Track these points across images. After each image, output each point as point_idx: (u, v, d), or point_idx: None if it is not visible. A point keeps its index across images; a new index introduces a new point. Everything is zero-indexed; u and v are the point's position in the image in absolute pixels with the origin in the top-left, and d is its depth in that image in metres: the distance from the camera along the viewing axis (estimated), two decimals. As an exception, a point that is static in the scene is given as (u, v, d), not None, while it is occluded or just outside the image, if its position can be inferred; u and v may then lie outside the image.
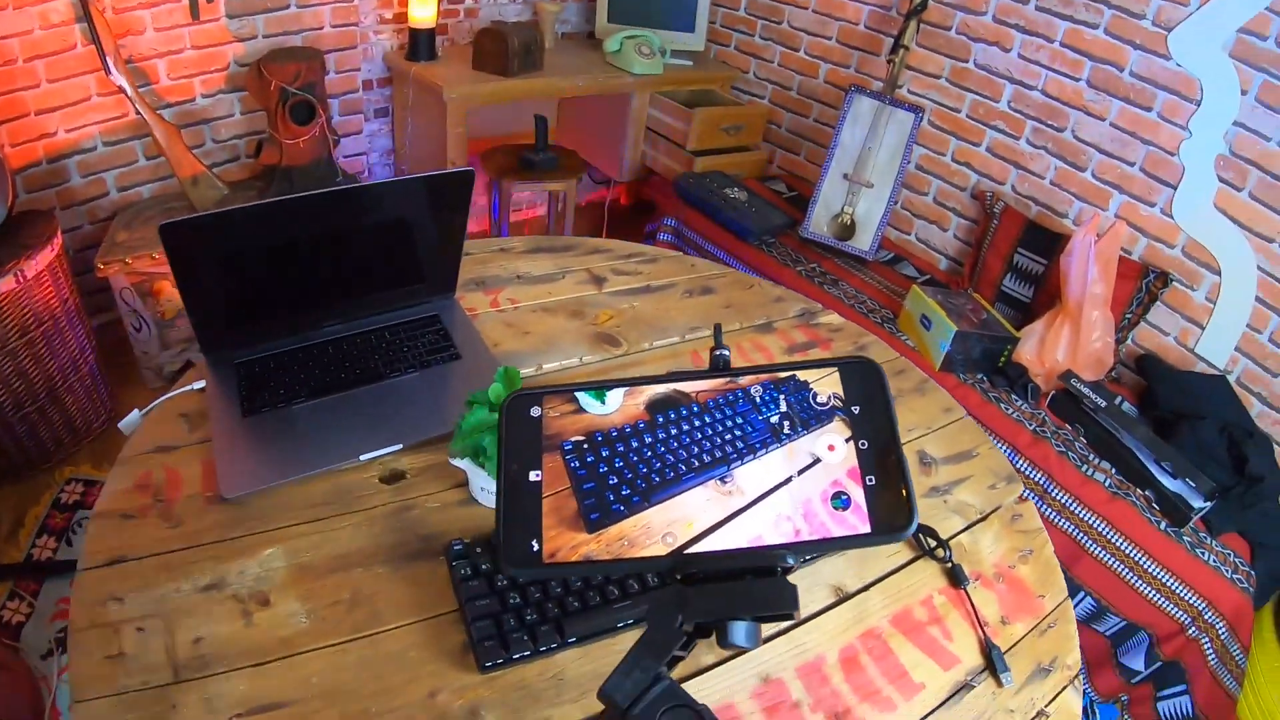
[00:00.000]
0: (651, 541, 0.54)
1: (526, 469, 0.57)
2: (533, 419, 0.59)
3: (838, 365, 0.59)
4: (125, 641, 0.89)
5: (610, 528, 0.55)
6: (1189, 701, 2.08)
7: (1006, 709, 1.05)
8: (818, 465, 0.56)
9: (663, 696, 0.52)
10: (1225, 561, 2.07)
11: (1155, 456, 2.19)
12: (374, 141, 3.46)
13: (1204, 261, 2.55)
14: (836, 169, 2.94)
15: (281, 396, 1.27)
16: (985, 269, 2.90)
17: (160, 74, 2.68)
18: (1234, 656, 2.03)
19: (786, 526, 0.54)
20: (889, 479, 0.54)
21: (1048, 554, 1.31)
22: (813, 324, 1.74)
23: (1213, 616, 2.01)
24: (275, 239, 1.26)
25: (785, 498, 0.55)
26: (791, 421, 0.57)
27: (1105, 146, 2.70)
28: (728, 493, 0.56)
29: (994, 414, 2.36)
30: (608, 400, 0.60)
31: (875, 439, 0.56)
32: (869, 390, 0.57)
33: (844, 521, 0.53)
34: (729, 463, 0.57)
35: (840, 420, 0.57)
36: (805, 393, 0.58)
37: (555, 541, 0.55)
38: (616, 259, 1.86)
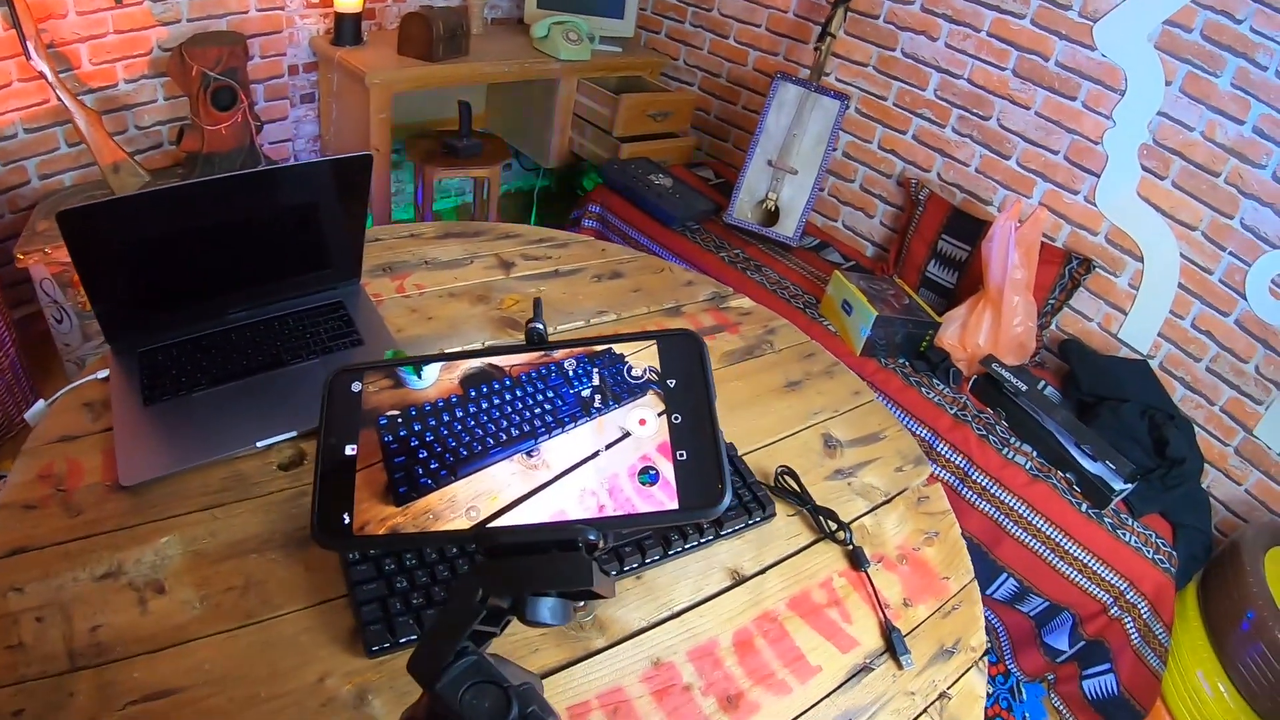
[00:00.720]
0: (456, 515, 0.52)
1: (343, 443, 0.56)
2: (353, 394, 0.58)
3: (656, 338, 0.57)
4: (24, 631, 0.88)
5: (417, 501, 0.53)
6: (1114, 679, 2.09)
7: (907, 691, 1.02)
8: (627, 440, 0.53)
9: (467, 672, 0.50)
10: (1147, 542, 2.08)
11: (1076, 439, 2.20)
12: (299, 128, 3.38)
13: (1127, 248, 2.58)
14: (761, 155, 2.91)
15: (182, 385, 1.24)
16: (910, 255, 2.90)
17: (82, 59, 2.60)
18: (1157, 635, 2.04)
19: (590, 501, 0.51)
20: (702, 454, 0.52)
21: (954, 536, 1.28)
22: (722, 308, 1.71)
23: (1135, 596, 2.02)
24: (176, 225, 1.23)
25: (591, 472, 0.53)
26: (603, 395, 0.55)
27: (1030, 135, 2.71)
28: (533, 467, 0.54)
29: (915, 398, 2.35)
30: (424, 375, 0.59)
31: (690, 413, 0.53)
32: (687, 363, 0.55)
33: (650, 497, 0.51)
34: (536, 437, 0.55)
35: (654, 394, 0.55)
36: (620, 366, 0.56)
37: (365, 514, 0.53)
38: (527, 244, 1.81)
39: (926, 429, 2.31)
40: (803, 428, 1.42)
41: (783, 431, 1.40)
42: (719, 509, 0.49)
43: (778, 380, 1.52)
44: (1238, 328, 2.41)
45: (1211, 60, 2.30)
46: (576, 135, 3.53)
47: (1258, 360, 2.39)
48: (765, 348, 1.61)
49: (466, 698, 0.48)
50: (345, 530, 0.52)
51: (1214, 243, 2.41)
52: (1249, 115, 2.27)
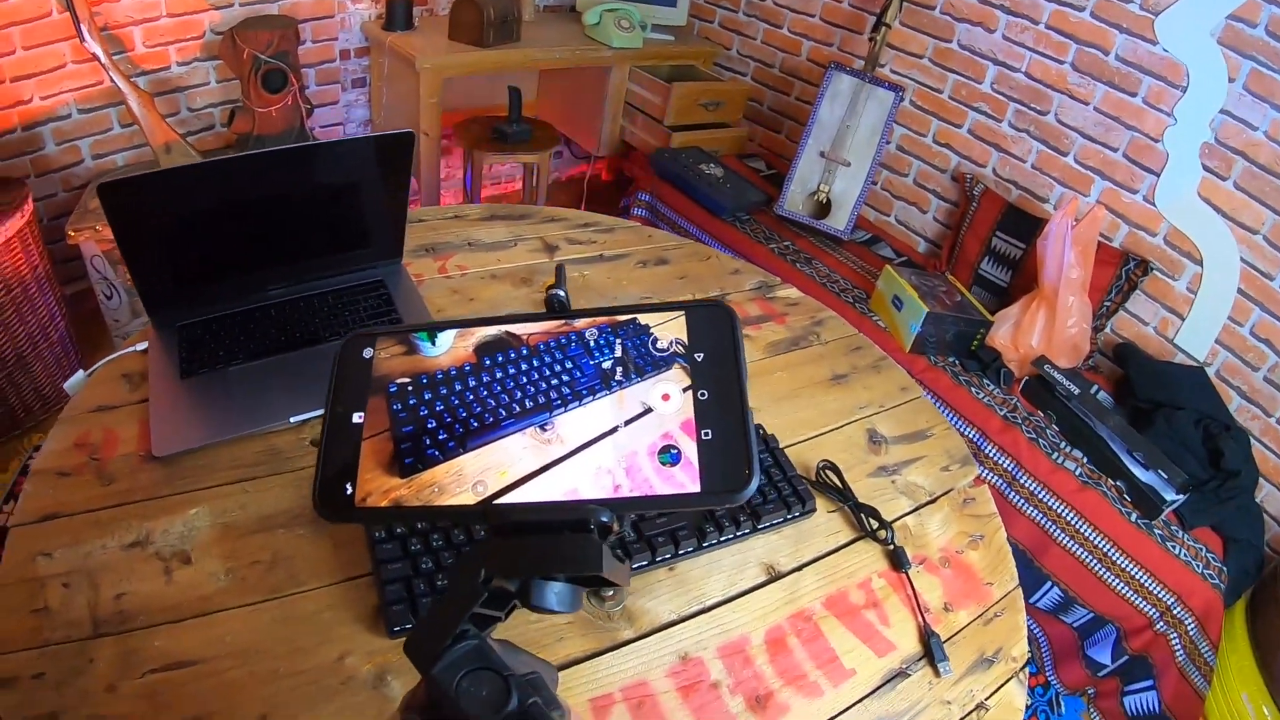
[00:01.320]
0: (462, 490, 0.49)
1: (351, 410, 0.53)
2: (364, 360, 0.55)
3: (684, 309, 0.53)
4: (50, 596, 0.89)
5: (423, 473, 0.50)
6: (1156, 697, 2.02)
7: (943, 700, 0.99)
8: (648, 415, 0.50)
9: (466, 657, 0.47)
10: (1197, 556, 2.01)
11: (1128, 446, 2.13)
12: (350, 112, 3.40)
13: (1186, 251, 2.49)
14: (813, 146, 2.87)
15: (220, 358, 1.24)
16: (963, 252, 2.84)
17: (135, 41, 2.64)
18: (1203, 654, 1.97)
19: (606, 480, 0.48)
20: (729, 435, 0.48)
21: (1000, 540, 1.24)
22: (769, 297, 1.67)
23: (1182, 612, 1.95)
24: (217, 200, 1.22)
25: (608, 449, 0.49)
26: (625, 367, 0.52)
27: (1088, 131, 2.63)
28: (546, 441, 0.50)
29: (964, 398, 2.29)
30: (439, 342, 0.56)
31: (717, 390, 0.50)
32: (717, 337, 0.51)
33: (670, 478, 0.47)
34: (551, 409, 0.51)
35: (680, 368, 0.51)
36: (645, 337, 0.53)
37: (368, 486, 0.50)
38: (573, 228, 1.79)
39: (975, 430, 2.25)
40: (847, 422, 1.38)
41: (826, 425, 1.36)
42: (744, 494, 0.46)
43: (823, 373, 1.48)
44: (1299, 338, 2.32)
45: (1277, 57, 2.21)
46: (627, 123, 3.51)
47: (1318, 373, 2.30)
48: (812, 339, 1.57)
49: (463, 684, 0.45)
50: (348, 502, 0.50)
51: (1276, 247, 2.31)
52: (1317, 115, 2.18)
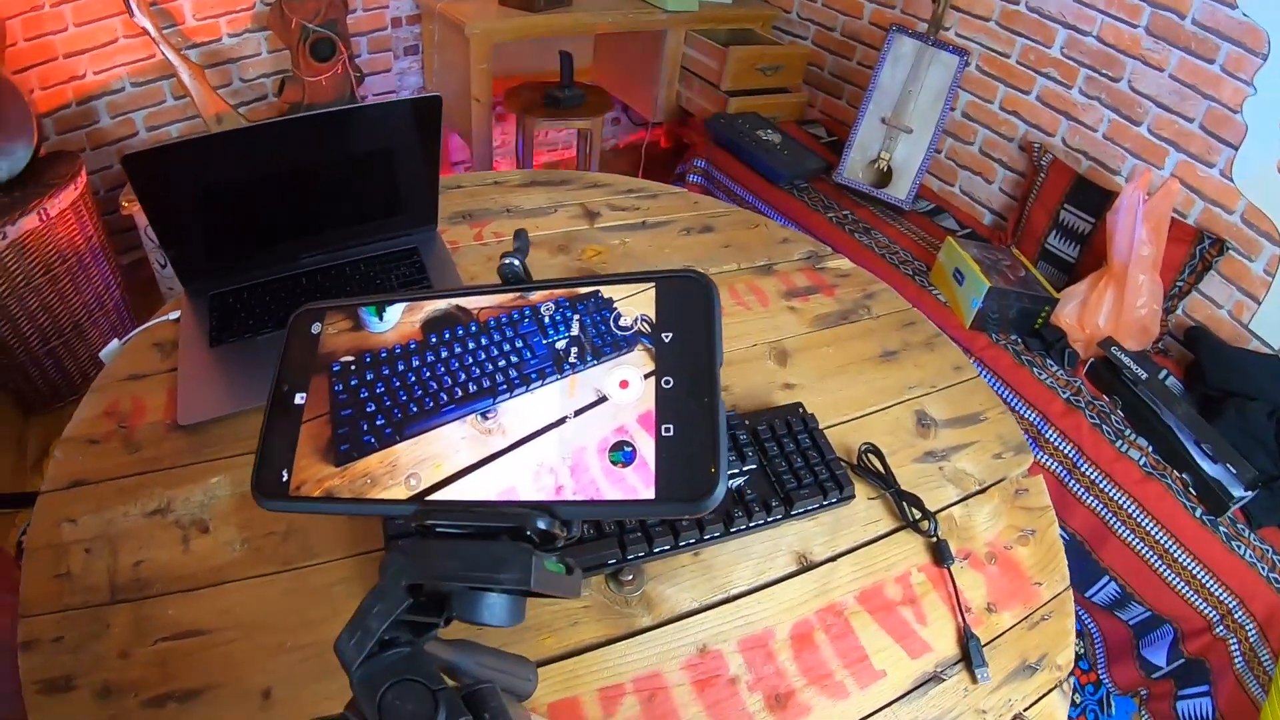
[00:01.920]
0: (395, 482, 0.45)
1: (294, 390, 0.49)
2: (312, 336, 0.51)
3: (655, 279, 0.46)
4: (73, 561, 0.90)
5: (357, 462, 0.46)
6: (1210, 704, 1.92)
7: (978, 709, 0.92)
8: (602, 405, 0.44)
9: (394, 667, 0.42)
10: (1263, 558, 1.89)
11: (1196, 437, 2.02)
12: (403, 80, 3.38)
13: (1264, 230, 2.34)
14: (874, 112, 2.76)
15: (249, 327, 1.24)
16: (1029, 225, 2.71)
17: (185, 14, 2.65)
18: (1262, 662, 1.86)
19: (547, 480, 0.42)
20: (694, 431, 0.41)
21: (1052, 536, 1.16)
22: (818, 268, 1.59)
23: (1243, 616, 1.84)
24: (247, 168, 1.21)
25: (553, 444, 0.43)
26: (581, 348, 0.46)
27: (1163, 100, 2.48)
28: (487, 431, 0.45)
29: (1025, 379, 2.20)
30: (386, 317, 0.51)
31: (685, 377, 0.43)
32: (690, 313, 0.44)
33: (621, 481, 0.41)
34: (495, 395, 0.46)
35: (643, 350, 0.44)
36: (607, 313, 0.46)
37: (304, 473, 0.47)
38: (615, 194, 1.73)
39: (1036, 413, 2.16)
40: (895, 402, 1.30)
41: (872, 405, 1.29)
42: (707, 504, 0.39)
43: (873, 349, 1.40)
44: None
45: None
46: (684, 89, 3.42)
47: (1401, 365, 2.16)
48: (862, 313, 1.49)
49: (389, 696, 0.41)
50: (283, 489, 0.47)
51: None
52: None
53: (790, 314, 1.45)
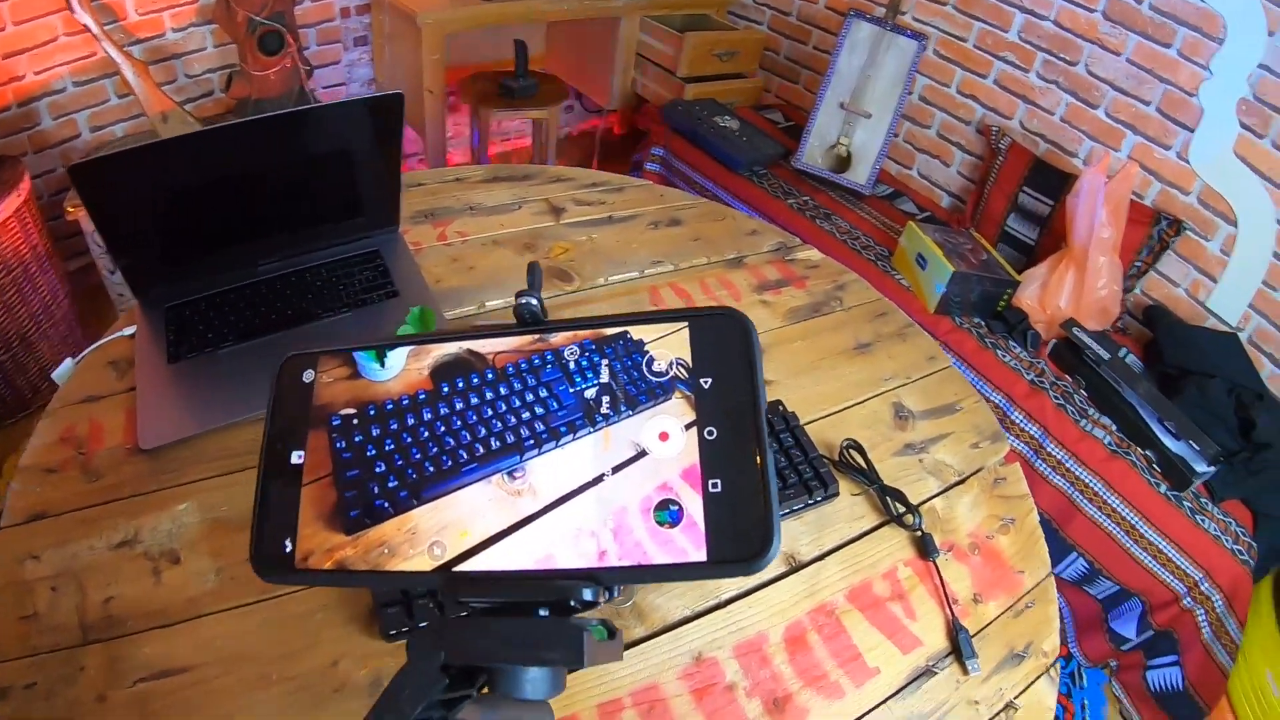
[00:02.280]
0: (416, 552, 0.41)
1: (290, 448, 0.45)
2: (304, 386, 0.47)
3: (688, 319, 0.43)
4: (39, 601, 0.86)
5: (370, 530, 0.42)
6: (1180, 674, 1.97)
7: (970, 700, 0.93)
8: (642, 460, 0.41)
9: None
10: (1226, 531, 1.94)
11: (1159, 415, 2.05)
12: (353, 71, 3.30)
13: (1220, 211, 2.38)
14: (832, 97, 2.76)
15: (209, 341, 1.19)
16: (988, 208, 2.73)
17: (128, 9, 2.55)
18: (1229, 631, 1.91)
19: (589, 545, 0.40)
20: (743, 486, 0.38)
21: (1032, 523, 1.17)
22: (788, 259, 1.59)
23: (1210, 588, 1.88)
24: (199, 174, 1.17)
25: (592, 504, 0.40)
26: (613, 397, 0.43)
27: (1120, 83, 2.51)
28: (517, 492, 0.42)
29: (990, 361, 2.22)
30: (388, 362, 0.47)
31: (729, 426, 0.40)
32: (729, 356, 0.41)
33: (669, 543, 0.39)
34: (522, 451, 0.43)
35: (682, 397, 0.41)
36: (638, 357, 0.43)
37: (310, 542, 0.43)
38: (580, 188, 1.71)
39: (1001, 395, 2.18)
40: (871, 395, 1.31)
41: (849, 399, 1.29)
42: (762, 563, 0.37)
43: (846, 341, 1.41)
44: (1336, 304, 2.23)
45: (1322, 10, 2.08)
46: (639, 76, 3.40)
47: (1355, 341, 2.22)
48: (834, 305, 1.49)
49: None
50: (286, 560, 0.43)
51: (1316, 210, 2.21)
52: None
53: (763, 308, 1.45)
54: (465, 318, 1.31)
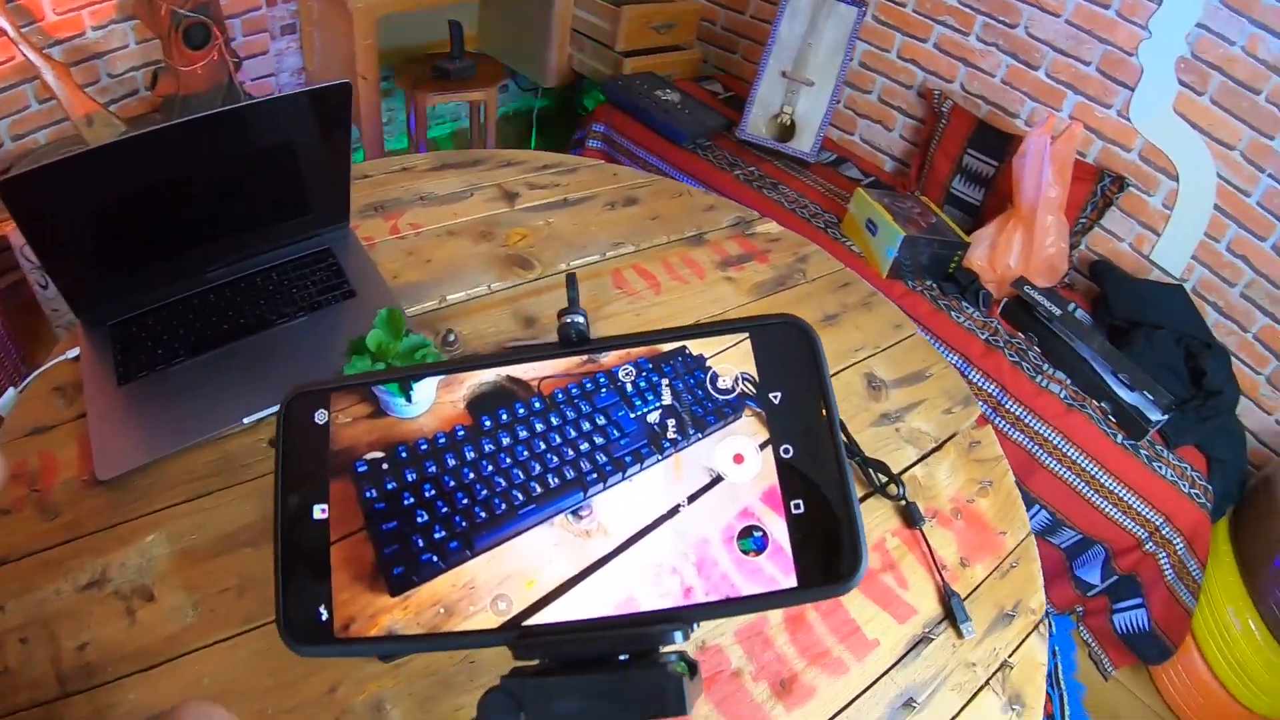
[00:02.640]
0: (477, 608, 0.38)
1: (310, 501, 0.40)
2: (317, 428, 0.42)
3: (748, 329, 0.40)
4: (9, 655, 0.80)
5: (420, 588, 0.39)
6: (1145, 615, 2.02)
7: (967, 663, 0.94)
8: (719, 486, 0.38)
9: None
10: (1183, 476, 1.99)
11: (1112, 368, 2.10)
12: (282, 61, 3.20)
13: (1161, 167, 2.44)
14: (774, 66, 2.75)
15: (159, 358, 1.12)
16: (933, 171, 2.76)
17: (45, 10, 2.42)
18: (1191, 572, 1.97)
19: (672, 583, 0.37)
20: (825, 503, 0.37)
21: (1008, 484, 1.19)
22: (748, 234, 1.58)
23: (1170, 532, 1.94)
24: (135, 181, 1.09)
25: (670, 538, 0.38)
26: (679, 420, 0.40)
27: (1060, 44, 2.54)
28: (585, 533, 0.39)
29: (945, 323, 2.24)
30: (416, 396, 0.43)
31: (806, 442, 0.38)
32: (795, 367, 0.39)
33: (757, 572, 0.36)
34: (585, 487, 0.40)
35: (752, 415, 0.39)
36: (700, 374, 0.40)
37: (349, 607, 0.39)
38: (531, 171, 1.68)
39: (958, 356, 2.21)
40: (843, 367, 1.31)
41: (822, 372, 1.29)
42: (853, 583, 0.35)
43: (813, 314, 1.41)
44: (1275, 253, 2.30)
45: (1255, -30, 2.13)
46: (576, 51, 3.35)
47: (1294, 288, 2.29)
48: (798, 278, 1.49)
49: None
50: (324, 629, 0.39)
51: (1253, 164, 2.28)
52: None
53: (728, 285, 1.44)
54: (427, 313, 1.27)
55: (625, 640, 0.37)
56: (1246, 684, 1.98)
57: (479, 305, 1.30)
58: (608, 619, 0.37)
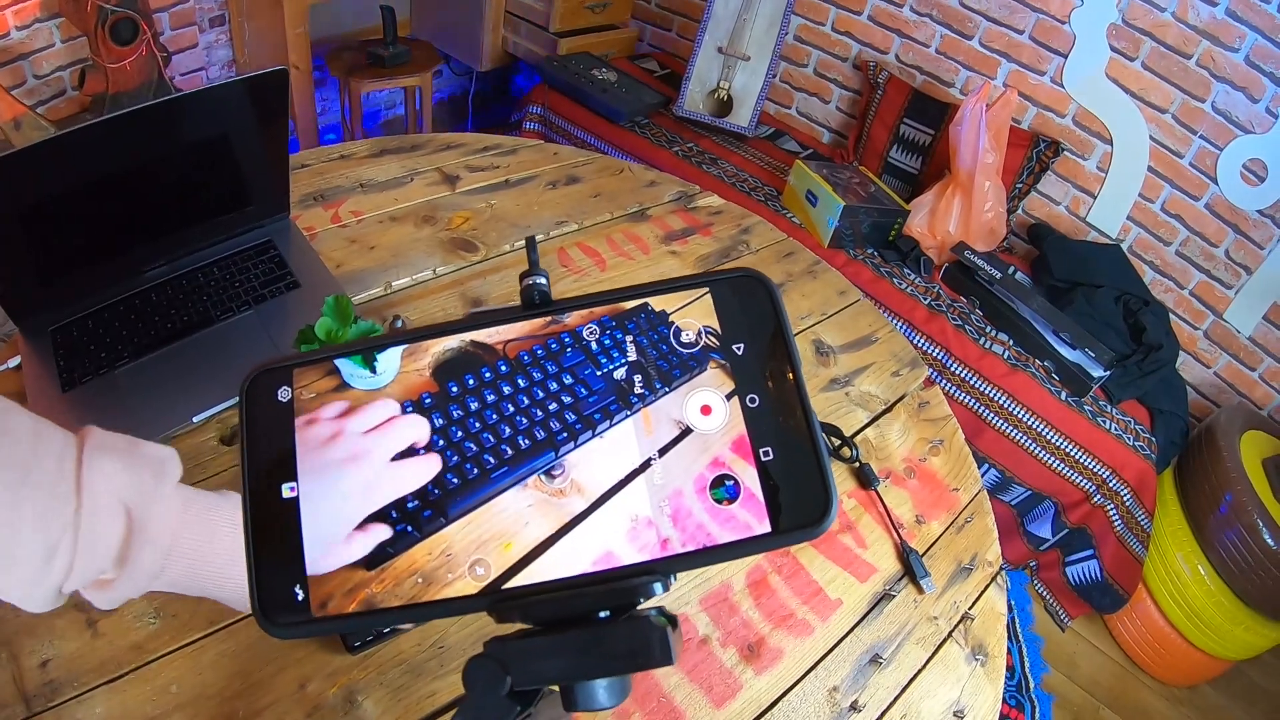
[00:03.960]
0: (456, 575, 0.38)
1: (278, 481, 0.40)
2: (281, 406, 0.41)
3: (709, 284, 0.40)
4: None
5: (397, 559, 0.38)
6: (1097, 565, 2.08)
7: (930, 616, 0.96)
8: (689, 438, 0.38)
9: None
10: (1127, 429, 2.04)
11: (1053, 327, 2.14)
12: (212, 54, 3.12)
13: (1095, 131, 2.49)
14: (710, 42, 2.75)
15: (103, 361, 1.09)
16: (870, 141, 2.78)
17: None
18: (1139, 522, 2.02)
19: (649, 536, 0.37)
20: (794, 449, 0.37)
21: (959, 442, 1.21)
22: (690, 208, 1.59)
23: (1117, 484, 1.99)
24: (69, 181, 1.05)
25: (644, 492, 0.38)
26: (645, 376, 0.40)
27: (993, 14, 2.57)
28: (558, 492, 0.39)
29: (888, 290, 2.27)
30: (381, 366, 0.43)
31: (771, 391, 0.38)
32: (756, 319, 0.39)
33: (730, 519, 0.37)
34: (557, 447, 0.40)
35: (716, 367, 0.39)
36: (663, 329, 0.40)
37: (326, 585, 0.38)
38: (471, 154, 1.66)
39: (902, 321, 2.23)
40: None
41: (770, 341, 1.30)
42: (825, 526, 0.35)
43: (758, 285, 1.41)
44: (1208, 212, 2.37)
45: (1184, -63, 2.18)
46: (510, 33, 3.31)
47: (1227, 244, 2.36)
48: (742, 249, 1.50)
49: None
50: (301, 608, 0.38)
51: (1185, 126, 2.34)
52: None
53: (673, 258, 1.44)
54: (373, 300, 1.25)
55: (606, 595, 0.37)
56: (1199, 627, 2.04)
57: (425, 290, 1.29)
58: (587, 576, 0.37)
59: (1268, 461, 2.08)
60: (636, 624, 0.36)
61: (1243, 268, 2.35)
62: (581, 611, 0.37)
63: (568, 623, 0.37)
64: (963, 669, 0.93)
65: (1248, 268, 2.35)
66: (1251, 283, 2.35)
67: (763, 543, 0.36)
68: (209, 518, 0.55)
